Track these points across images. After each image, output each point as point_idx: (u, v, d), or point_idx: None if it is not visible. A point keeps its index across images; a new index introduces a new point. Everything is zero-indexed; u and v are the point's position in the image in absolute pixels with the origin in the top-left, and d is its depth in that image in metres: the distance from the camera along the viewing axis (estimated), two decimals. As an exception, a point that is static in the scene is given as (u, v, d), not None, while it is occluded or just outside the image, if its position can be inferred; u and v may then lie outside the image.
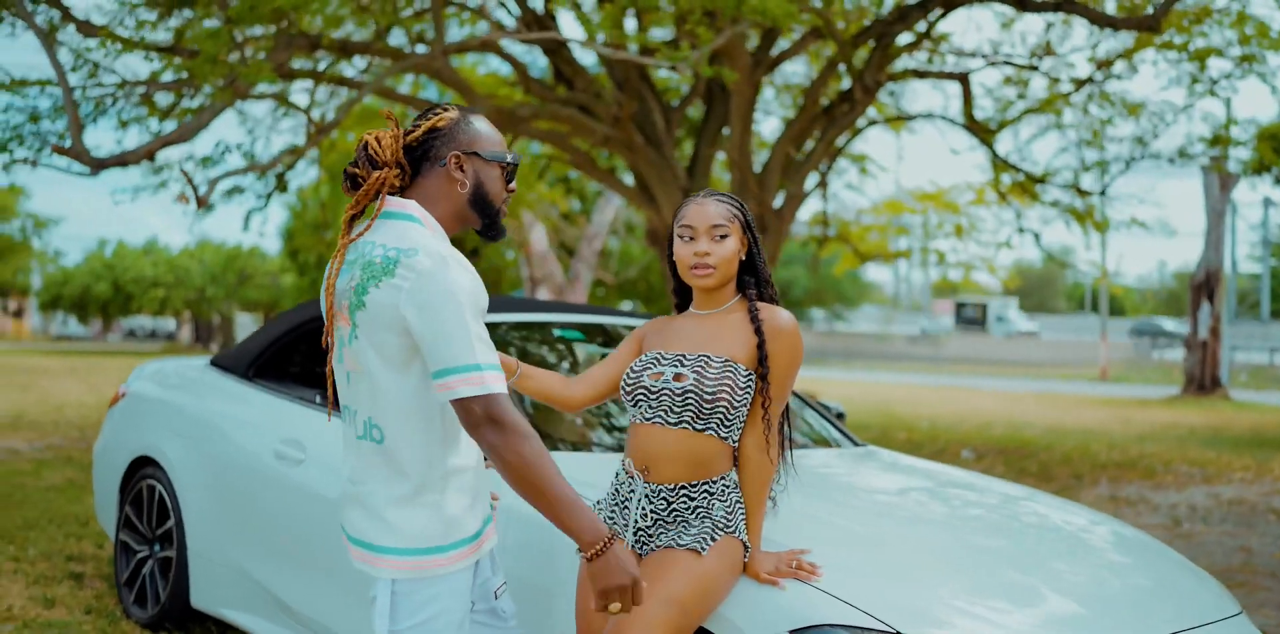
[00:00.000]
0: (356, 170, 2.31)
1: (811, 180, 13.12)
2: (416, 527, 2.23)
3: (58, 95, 8.95)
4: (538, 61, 16.64)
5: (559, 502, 2.15)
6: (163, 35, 9.73)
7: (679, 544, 2.42)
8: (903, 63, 12.26)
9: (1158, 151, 11.93)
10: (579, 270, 21.51)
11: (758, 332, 2.48)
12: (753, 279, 2.60)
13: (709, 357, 2.49)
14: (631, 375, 2.55)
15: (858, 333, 59.52)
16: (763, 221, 10.88)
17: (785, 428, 2.60)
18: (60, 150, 8.10)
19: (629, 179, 13.14)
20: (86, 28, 8.76)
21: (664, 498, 2.49)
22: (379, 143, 2.30)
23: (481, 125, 2.36)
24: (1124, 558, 2.99)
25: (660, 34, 12.23)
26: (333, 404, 2.39)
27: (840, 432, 4.15)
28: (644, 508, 2.50)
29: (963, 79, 12.19)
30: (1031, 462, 11.74)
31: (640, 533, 2.51)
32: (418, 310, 2.14)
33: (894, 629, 2.32)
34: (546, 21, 10.80)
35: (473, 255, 25.58)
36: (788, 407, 2.61)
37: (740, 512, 2.49)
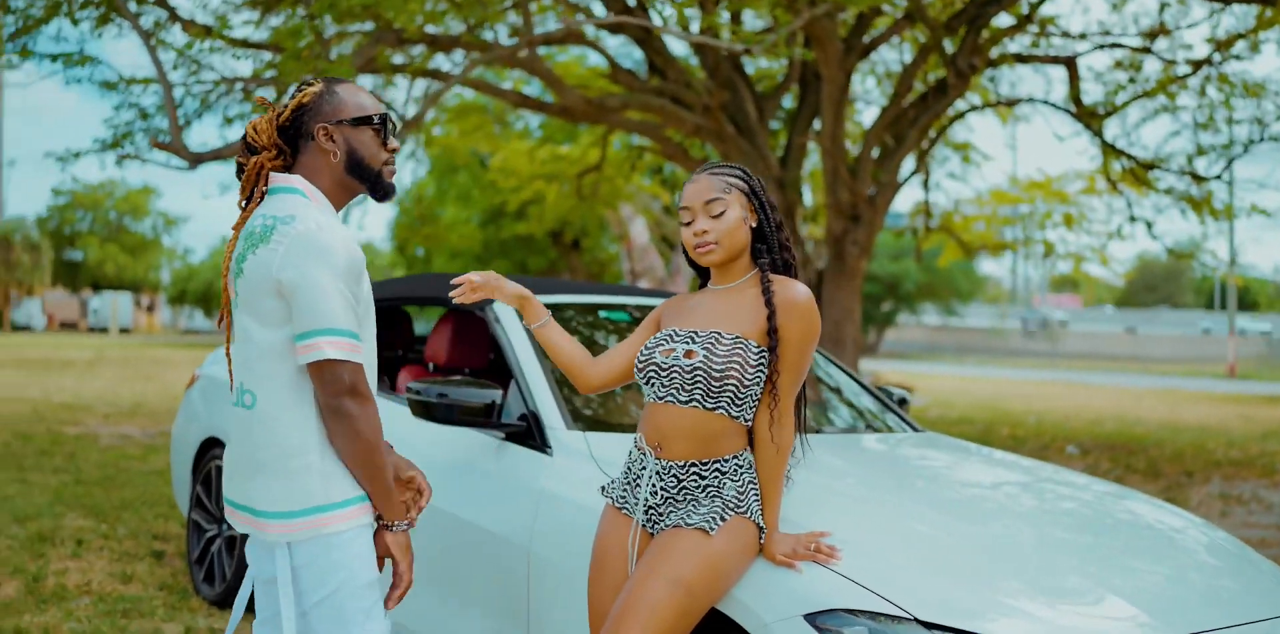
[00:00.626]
0: (240, 159, 2.34)
1: (908, 169, 12.84)
2: (294, 488, 2.21)
3: (162, 93, 9.24)
4: (634, 54, 16.63)
5: (384, 473, 2.22)
6: (266, 34, 9.98)
7: (687, 523, 2.35)
8: (1005, 48, 11.89)
9: (1279, 133, 11.34)
10: (680, 263, 21.44)
11: (768, 304, 2.39)
12: (764, 248, 2.50)
13: (720, 333, 2.41)
14: (645, 353, 2.48)
15: (971, 327, 58.18)
16: (855, 211, 10.67)
17: (802, 406, 2.51)
18: (160, 145, 8.38)
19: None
20: (191, 27, 9.04)
21: (674, 475, 2.42)
22: (255, 129, 2.33)
23: (345, 92, 2.35)
24: (1184, 554, 2.82)
25: (757, 24, 12.11)
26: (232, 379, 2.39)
27: (900, 417, 4.01)
28: (654, 485, 2.43)
29: (1069, 63, 11.77)
30: (1139, 458, 11.29)
31: (651, 511, 2.44)
32: (290, 272, 2.14)
33: (912, 616, 2.21)
34: (637, 13, 10.76)
35: (573, 247, 25.78)
36: (804, 384, 2.51)
37: (754, 492, 2.40)
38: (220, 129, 10.52)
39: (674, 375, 2.40)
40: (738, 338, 2.39)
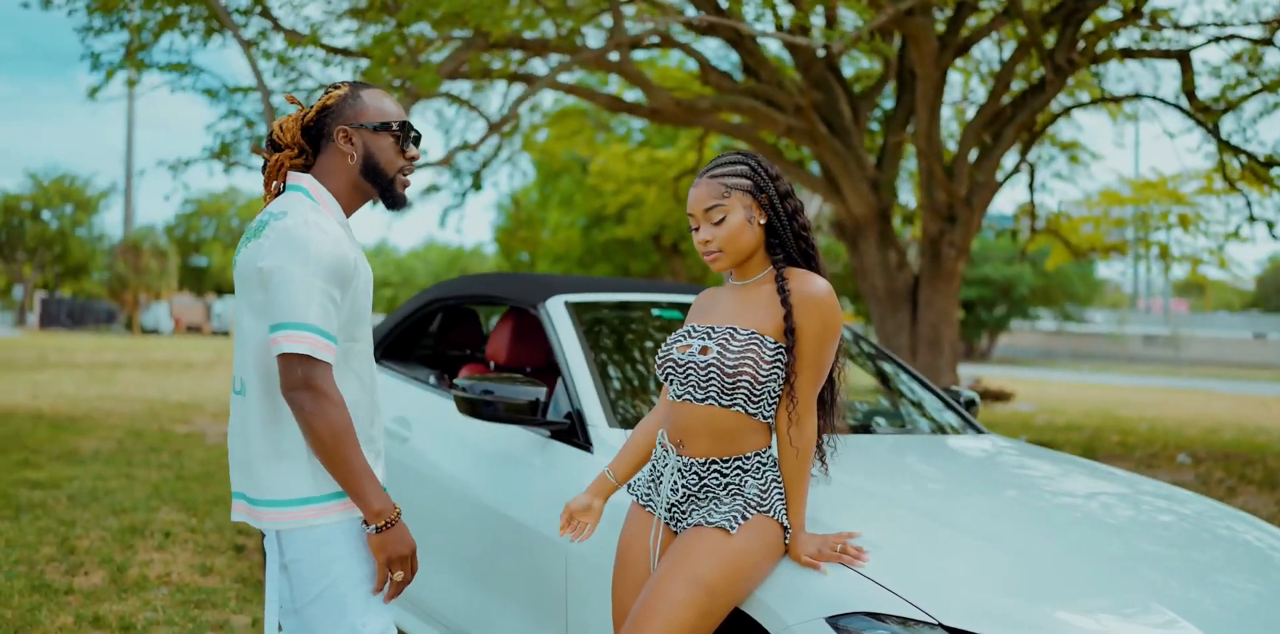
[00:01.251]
0: (264, 154, 2.39)
1: (1008, 167, 12.51)
2: (284, 477, 2.24)
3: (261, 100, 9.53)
4: (731, 57, 16.56)
5: (356, 473, 2.19)
6: (366, 41, 10.23)
7: (709, 522, 2.30)
8: (1112, 42, 11.50)
9: None
10: (781, 266, 21.26)
11: (784, 301, 2.32)
12: (778, 242, 2.42)
13: (735, 329, 2.35)
14: (664, 350, 2.43)
15: (1089, 333, 56.45)
16: (951, 212, 10.44)
17: (830, 404, 2.44)
18: (258, 150, 8.63)
19: (818, 170, 12.87)
20: (292, 36, 9.31)
21: (696, 473, 2.37)
22: (281, 128, 2.37)
23: (369, 97, 2.38)
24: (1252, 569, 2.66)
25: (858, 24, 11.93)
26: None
27: (964, 419, 3.88)
28: (675, 482, 2.39)
29: (1182, 57, 11.33)
30: (1257, 468, 10.78)
31: (674, 509, 2.40)
32: (268, 263, 2.18)
33: (936, 621, 2.13)
34: (729, 14, 10.71)
35: (674, 251, 25.77)
36: (832, 381, 2.44)
37: (777, 490, 2.34)
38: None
39: (690, 372, 2.36)
40: (753, 334, 2.33)
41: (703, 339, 2.37)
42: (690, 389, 2.36)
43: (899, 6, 7.38)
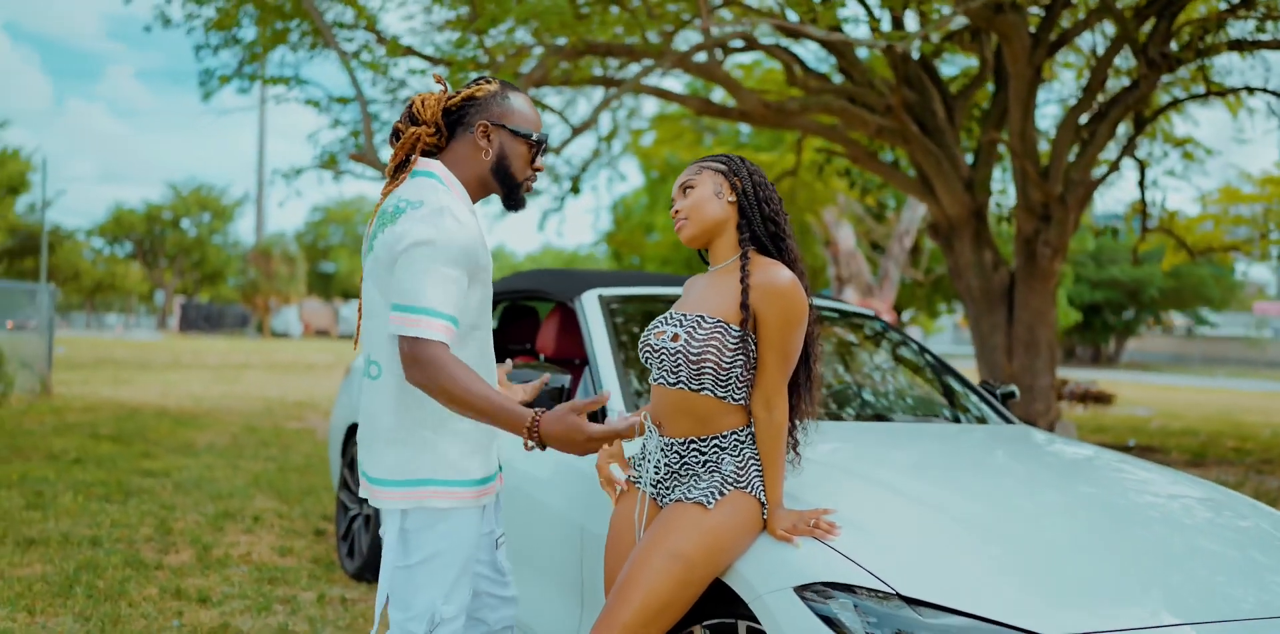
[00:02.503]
0: (399, 125, 2.47)
1: (1108, 164, 12.21)
2: (408, 460, 2.36)
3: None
4: (832, 58, 16.51)
5: (487, 411, 2.21)
6: (470, 52, 10.59)
7: (688, 498, 2.43)
8: (1224, 34, 11.14)
9: None
10: (888, 268, 21.04)
11: (744, 290, 2.43)
12: (745, 222, 2.52)
13: (703, 317, 2.46)
14: (643, 336, 2.57)
15: (1225, 337, 54.18)
16: (1046, 210, 10.28)
17: (806, 391, 2.54)
18: (357, 157, 9.05)
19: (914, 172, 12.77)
20: (390, 46, 9.70)
21: (676, 451, 2.50)
22: (423, 103, 2.45)
23: (518, 101, 2.47)
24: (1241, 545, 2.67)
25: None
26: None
27: (995, 411, 3.92)
28: (659, 460, 2.53)
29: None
30: (1376, 476, 10.34)
31: (659, 485, 2.54)
32: (400, 251, 2.27)
33: (895, 591, 2.22)
34: (816, 17, 10.74)
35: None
36: (809, 369, 2.54)
37: (755, 467, 2.45)
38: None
39: (663, 358, 2.48)
40: (718, 321, 2.44)
41: (675, 326, 2.50)
42: (664, 374, 2.50)
43: (969, 5, 7.35)
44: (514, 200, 2.51)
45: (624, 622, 2.35)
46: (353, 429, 5.08)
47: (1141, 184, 13.87)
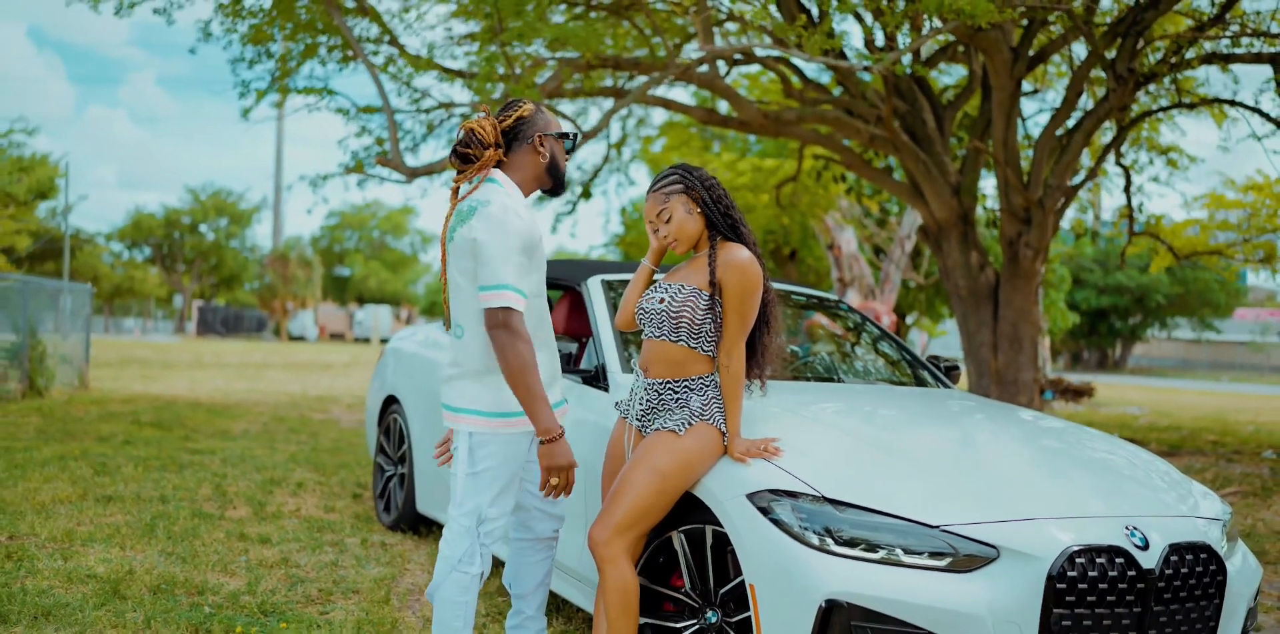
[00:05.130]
0: (469, 150, 3.17)
1: (1088, 170, 12.87)
2: (481, 396, 3.11)
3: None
4: (822, 68, 17.22)
5: (533, 397, 2.98)
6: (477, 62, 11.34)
7: (665, 427, 3.15)
8: (1201, 48, 11.80)
9: None
10: (889, 271, 21.72)
11: (711, 268, 3.16)
12: (714, 229, 3.24)
13: (683, 286, 3.20)
14: (640, 301, 3.29)
15: (1230, 342, 54.64)
16: (1028, 214, 10.96)
17: (762, 347, 3.25)
18: (383, 162, 9.80)
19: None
20: (413, 58, 10.44)
21: (656, 390, 3.22)
22: (482, 128, 3.17)
23: (549, 114, 3.25)
24: (1103, 467, 3.39)
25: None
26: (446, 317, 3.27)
27: (936, 379, 4.65)
28: (642, 398, 3.25)
29: (1275, 60, 11.57)
30: (1342, 464, 11.00)
31: (643, 418, 3.25)
32: (479, 242, 2.99)
33: (820, 494, 2.93)
34: (815, 31, 11.44)
35: (792, 258, 26.42)
36: (767, 328, 3.26)
37: (717, 405, 3.17)
38: (443, 150, 12.00)
39: (652, 317, 3.22)
40: (694, 289, 3.18)
41: (663, 293, 3.23)
42: (651, 329, 3.23)
43: (945, 28, 8.05)
44: (559, 188, 3.29)
45: (616, 521, 3.07)
46: (388, 402, 5.80)
47: (1128, 190, 14.55)
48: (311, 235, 70.69)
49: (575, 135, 3.27)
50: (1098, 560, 2.85)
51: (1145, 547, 2.93)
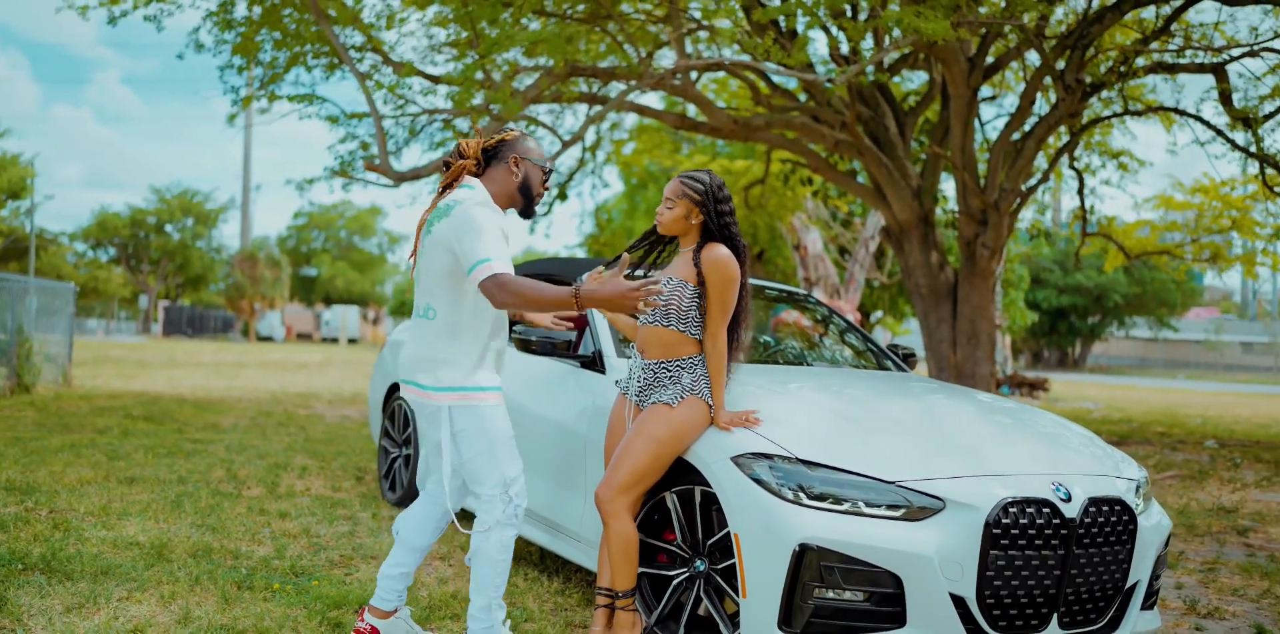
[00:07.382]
0: (450, 159, 3.64)
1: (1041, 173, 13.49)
2: (453, 372, 3.46)
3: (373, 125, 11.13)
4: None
5: (548, 299, 3.17)
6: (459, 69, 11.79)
7: (660, 400, 3.65)
8: (1150, 57, 12.44)
9: None
10: (853, 271, 22.36)
11: (697, 264, 3.66)
12: (709, 230, 3.73)
13: (673, 278, 3.71)
14: None
15: (1185, 340, 55.90)
16: (984, 216, 11.56)
17: (739, 333, 3.75)
18: (371, 167, 10.25)
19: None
20: (399, 68, 10.89)
21: (651, 369, 3.73)
22: (467, 145, 3.65)
23: (532, 143, 3.68)
24: (1038, 434, 3.92)
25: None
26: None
27: (895, 365, 5.19)
28: (639, 377, 3.75)
29: (1218, 70, 12.21)
30: (1276, 452, 11.67)
31: (640, 394, 3.75)
32: (456, 234, 3.37)
33: (794, 456, 3.44)
34: (784, 42, 11.99)
35: (760, 258, 27.01)
36: (745, 314, 3.76)
37: (704, 381, 3.67)
38: (427, 153, 12.46)
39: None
40: (683, 281, 3.68)
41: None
42: (647, 316, 3.72)
43: (899, 48, 8.61)
44: (530, 210, 3.71)
45: (619, 481, 3.57)
46: (392, 389, 6.27)
47: (1080, 192, 15.21)
48: (279, 235, 70.63)
49: (550, 168, 3.67)
50: (1028, 510, 3.38)
51: (1068, 500, 3.46)
